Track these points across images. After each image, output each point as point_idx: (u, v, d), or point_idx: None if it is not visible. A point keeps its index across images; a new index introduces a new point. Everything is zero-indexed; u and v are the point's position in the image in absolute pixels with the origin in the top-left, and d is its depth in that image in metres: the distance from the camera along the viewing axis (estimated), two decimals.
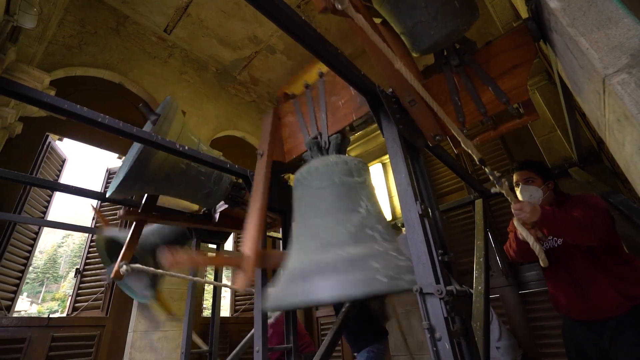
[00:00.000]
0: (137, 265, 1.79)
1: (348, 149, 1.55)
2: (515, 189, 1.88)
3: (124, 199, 2.24)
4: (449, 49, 1.40)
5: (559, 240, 1.72)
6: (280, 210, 1.86)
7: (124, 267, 1.76)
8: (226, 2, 4.31)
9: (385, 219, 1.22)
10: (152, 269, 1.82)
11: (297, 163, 1.58)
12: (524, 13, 1.46)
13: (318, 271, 0.97)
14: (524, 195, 1.79)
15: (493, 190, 1.34)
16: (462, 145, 1.15)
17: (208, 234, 2.55)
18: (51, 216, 3.52)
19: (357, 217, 1.09)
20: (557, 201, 1.81)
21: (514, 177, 1.89)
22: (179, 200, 2.23)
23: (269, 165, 1.42)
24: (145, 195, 2.15)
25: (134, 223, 1.99)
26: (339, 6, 0.90)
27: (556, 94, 2.80)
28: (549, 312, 2.85)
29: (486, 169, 1.23)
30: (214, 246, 2.73)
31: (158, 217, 2.15)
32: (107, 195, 1.84)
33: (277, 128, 1.67)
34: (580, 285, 1.60)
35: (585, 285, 1.59)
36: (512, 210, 1.55)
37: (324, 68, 1.60)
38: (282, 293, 1.01)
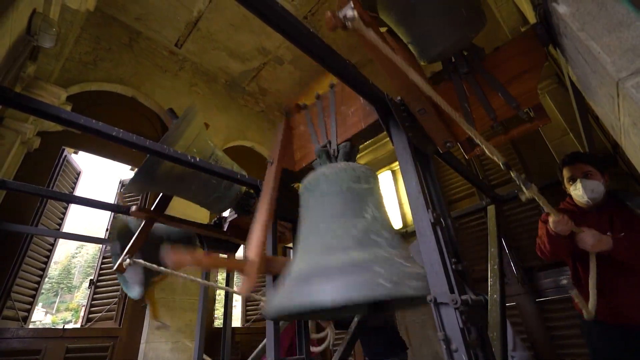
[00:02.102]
0: (140, 260, 1.83)
1: (357, 156, 1.55)
2: (568, 185, 1.67)
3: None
4: (457, 56, 1.40)
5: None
6: (291, 219, 1.86)
7: (128, 260, 1.81)
8: (235, 16, 4.41)
9: (392, 226, 1.20)
10: (155, 265, 1.84)
11: (307, 172, 1.59)
12: (531, 18, 1.46)
13: (320, 275, 0.96)
14: (585, 190, 1.57)
15: (523, 197, 1.24)
16: (485, 150, 1.10)
17: (218, 244, 2.56)
18: (66, 227, 3.60)
19: (363, 222, 1.09)
20: (608, 200, 1.63)
21: (566, 172, 1.68)
22: (190, 213, 2.26)
23: (278, 172, 1.43)
24: (160, 195, 2.20)
25: (144, 221, 2.04)
26: (349, 24, 0.92)
27: (567, 97, 2.77)
28: (568, 320, 2.76)
29: (512, 173, 1.18)
30: (224, 256, 2.74)
31: (168, 219, 2.18)
32: (123, 186, 1.94)
33: (288, 138, 1.69)
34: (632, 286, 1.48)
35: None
36: (551, 223, 1.46)
37: (335, 79, 1.62)
38: (283, 298, 0.99)
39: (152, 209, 2.16)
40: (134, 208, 2.07)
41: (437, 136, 1.34)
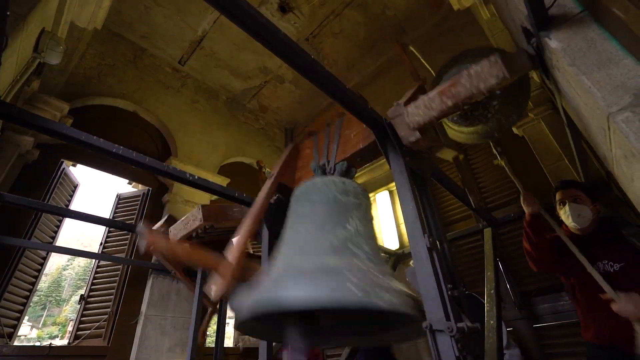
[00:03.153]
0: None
1: (355, 176, 1.56)
2: (559, 208, 1.75)
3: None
4: None
5: (616, 265, 1.56)
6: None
7: None
8: (238, 36, 4.53)
9: (377, 244, 1.20)
10: None
11: None
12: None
13: (291, 276, 0.95)
14: (572, 214, 1.65)
15: (495, 162, 1.37)
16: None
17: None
18: (59, 238, 3.55)
19: (344, 232, 1.08)
20: (602, 228, 1.66)
21: (558, 196, 1.76)
22: None
23: (274, 185, 1.47)
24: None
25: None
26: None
27: (562, 123, 2.82)
28: (568, 347, 2.71)
29: (492, 143, 1.23)
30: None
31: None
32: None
33: (293, 157, 1.74)
34: None
35: None
36: (522, 203, 1.66)
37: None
38: (253, 297, 0.96)
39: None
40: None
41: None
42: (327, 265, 0.95)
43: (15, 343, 2.90)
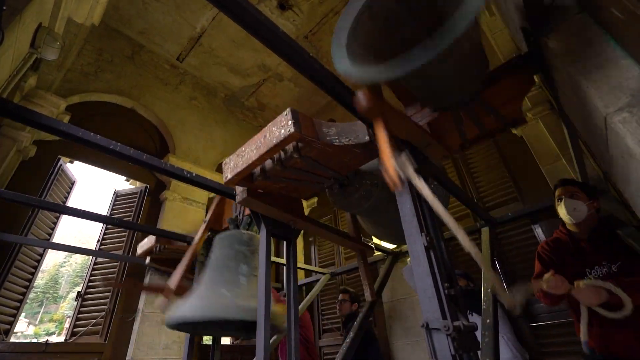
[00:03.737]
0: None
1: None
2: (557, 204, 1.80)
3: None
4: None
5: (614, 266, 1.57)
6: (285, 237, 1.86)
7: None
8: (237, 33, 4.51)
9: (254, 278, 1.73)
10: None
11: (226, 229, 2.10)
12: (524, 49, 1.51)
13: (201, 298, 1.52)
14: (567, 209, 1.70)
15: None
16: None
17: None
18: (56, 234, 3.54)
19: (244, 269, 1.71)
20: (600, 230, 1.68)
21: (556, 193, 1.81)
22: None
23: (205, 230, 2.11)
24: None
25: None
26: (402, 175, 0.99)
27: (559, 123, 2.83)
28: (563, 346, 2.73)
29: None
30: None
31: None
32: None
33: (221, 206, 2.30)
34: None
35: None
36: (544, 285, 1.52)
37: None
38: (189, 309, 1.47)
39: None
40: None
41: (435, 155, 1.39)
42: (223, 293, 1.54)
43: (12, 340, 2.89)
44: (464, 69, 1.17)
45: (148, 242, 2.80)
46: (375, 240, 3.60)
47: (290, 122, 1.09)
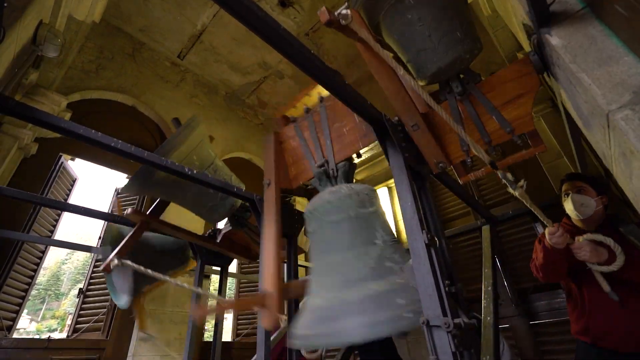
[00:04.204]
0: (128, 261, 1.82)
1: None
2: (564, 199, 1.75)
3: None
4: (453, 79, 1.44)
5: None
6: (285, 234, 1.86)
7: (116, 260, 1.79)
8: (238, 31, 4.50)
9: (400, 244, 1.24)
10: (142, 268, 1.83)
11: (304, 189, 1.60)
12: (526, 46, 1.50)
13: (345, 310, 0.98)
14: (574, 204, 1.65)
15: (511, 191, 1.19)
16: (472, 149, 1.12)
17: (212, 256, 2.54)
18: (58, 232, 3.55)
19: (375, 249, 1.11)
20: (608, 224, 1.66)
21: (563, 188, 1.77)
22: (184, 224, 2.25)
23: (278, 195, 1.41)
24: (157, 200, 2.23)
25: (138, 224, 2.03)
26: (343, 22, 0.96)
27: (561, 121, 2.82)
28: (563, 344, 2.73)
29: (498, 172, 1.18)
30: (218, 268, 2.72)
31: (162, 223, 2.17)
32: (120, 189, 2.00)
33: (280, 154, 1.68)
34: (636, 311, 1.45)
35: None
36: (547, 236, 1.50)
37: (323, 91, 1.64)
38: (311, 332, 1.02)
39: (147, 212, 2.16)
40: (129, 210, 2.06)
41: (431, 156, 1.36)
42: (374, 292, 0.99)
43: (14, 336, 2.91)
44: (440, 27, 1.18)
45: None
46: None
47: None
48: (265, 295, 1.06)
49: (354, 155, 1.53)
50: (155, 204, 2.23)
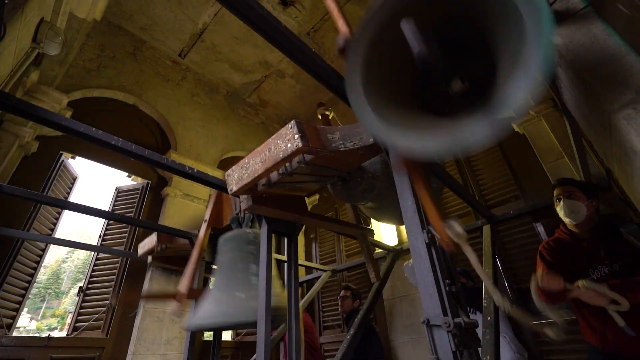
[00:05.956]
0: None
1: None
2: (556, 204, 1.78)
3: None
4: None
5: (615, 265, 1.56)
6: (285, 234, 1.86)
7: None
8: (239, 29, 4.50)
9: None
10: None
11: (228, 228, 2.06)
12: None
13: (230, 304, 1.55)
14: (566, 209, 1.68)
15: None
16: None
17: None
18: (58, 231, 3.56)
19: (252, 269, 1.69)
20: (601, 228, 1.66)
21: (555, 192, 1.79)
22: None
23: (208, 230, 2.03)
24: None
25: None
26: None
27: (562, 121, 2.81)
28: (564, 345, 2.73)
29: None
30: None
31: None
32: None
33: (220, 205, 2.22)
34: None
35: None
36: (539, 281, 1.52)
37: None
38: (205, 316, 1.54)
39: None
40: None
41: None
42: (244, 297, 1.57)
43: (14, 334, 2.91)
44: None
45: (149, 242, 2.75)
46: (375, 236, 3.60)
47: (296, 135, 1.08)
48: (178, 292, 1.75)
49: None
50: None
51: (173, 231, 2.59)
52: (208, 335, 5.77)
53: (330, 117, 2.27)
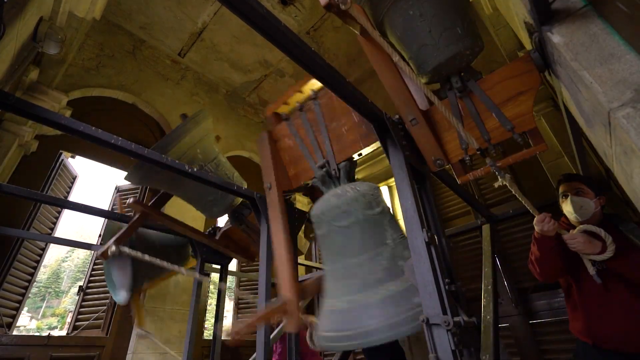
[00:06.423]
0: (126, 248, 1.80)
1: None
2: (561, 201, 1.73)
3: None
4: (454, 75, 1.44)
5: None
6: None
7: (114, 247, 1.78)
8: (238, 28, 4.49)
9: (403, 234, 1.25)
10: (139, 253, 1.77)
11: (304, 188, 1.60)
12: (528, 45, 1.50)
13: (366, 312, 1.03)
14: (574, 206, 1.62)
15: (497, 184, 1.23)
16: (461, 132, 1.14)
17: (212, 254, 2.54)
18: (58, 230, 3.56)
19: (387, 250, 1.14)
20: (606, 223, 1.63)
21: (560, 189, 1.74)
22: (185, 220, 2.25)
23: (281, 199, 1.45)
24: (159, 193, 2.24)
25: (138, 213, 2.03)
26: (342, 6, 0.97)
27: (562, 120, 2.81)
28: (563, 344, 2.73)
29: (487, 160, 1.20)
30: (218, 266, 2.72)
31: (161, 215, 2.16)
32: (120, 187, 1.99)
33: (276, 154, 1.69)
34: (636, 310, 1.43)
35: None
36: (535, 224, 1.52)
37: (315, 85, 1.63)
38: (335, 334, 1.06)
39: (148, 204, 2.18)
40: (131, 200, 2.05)
41: (429, 153, 1.36)
42: (391, 293, 1.04)
43: (14, 333, 2.91)
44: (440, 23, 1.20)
45: None
46: None
47: None
48: (285, 302, 1.11)
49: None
50: (156, 197, 2.24)
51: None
52: (208, 335, 5.77)
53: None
